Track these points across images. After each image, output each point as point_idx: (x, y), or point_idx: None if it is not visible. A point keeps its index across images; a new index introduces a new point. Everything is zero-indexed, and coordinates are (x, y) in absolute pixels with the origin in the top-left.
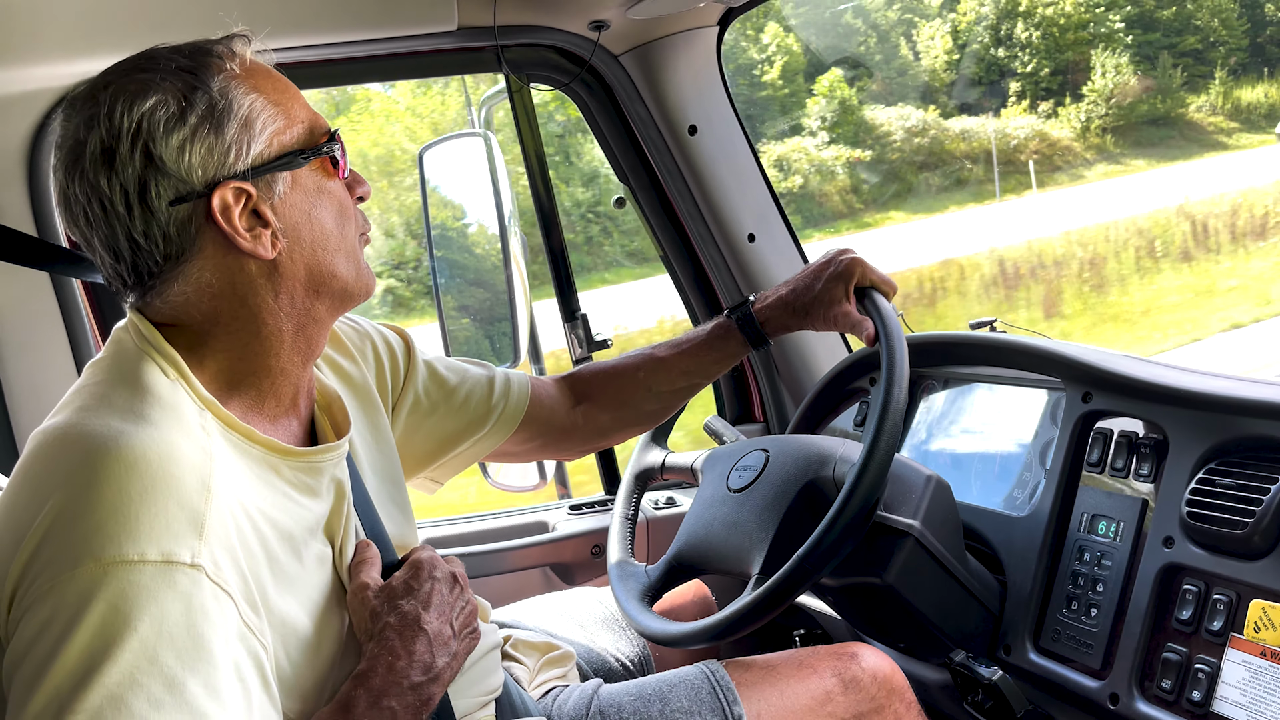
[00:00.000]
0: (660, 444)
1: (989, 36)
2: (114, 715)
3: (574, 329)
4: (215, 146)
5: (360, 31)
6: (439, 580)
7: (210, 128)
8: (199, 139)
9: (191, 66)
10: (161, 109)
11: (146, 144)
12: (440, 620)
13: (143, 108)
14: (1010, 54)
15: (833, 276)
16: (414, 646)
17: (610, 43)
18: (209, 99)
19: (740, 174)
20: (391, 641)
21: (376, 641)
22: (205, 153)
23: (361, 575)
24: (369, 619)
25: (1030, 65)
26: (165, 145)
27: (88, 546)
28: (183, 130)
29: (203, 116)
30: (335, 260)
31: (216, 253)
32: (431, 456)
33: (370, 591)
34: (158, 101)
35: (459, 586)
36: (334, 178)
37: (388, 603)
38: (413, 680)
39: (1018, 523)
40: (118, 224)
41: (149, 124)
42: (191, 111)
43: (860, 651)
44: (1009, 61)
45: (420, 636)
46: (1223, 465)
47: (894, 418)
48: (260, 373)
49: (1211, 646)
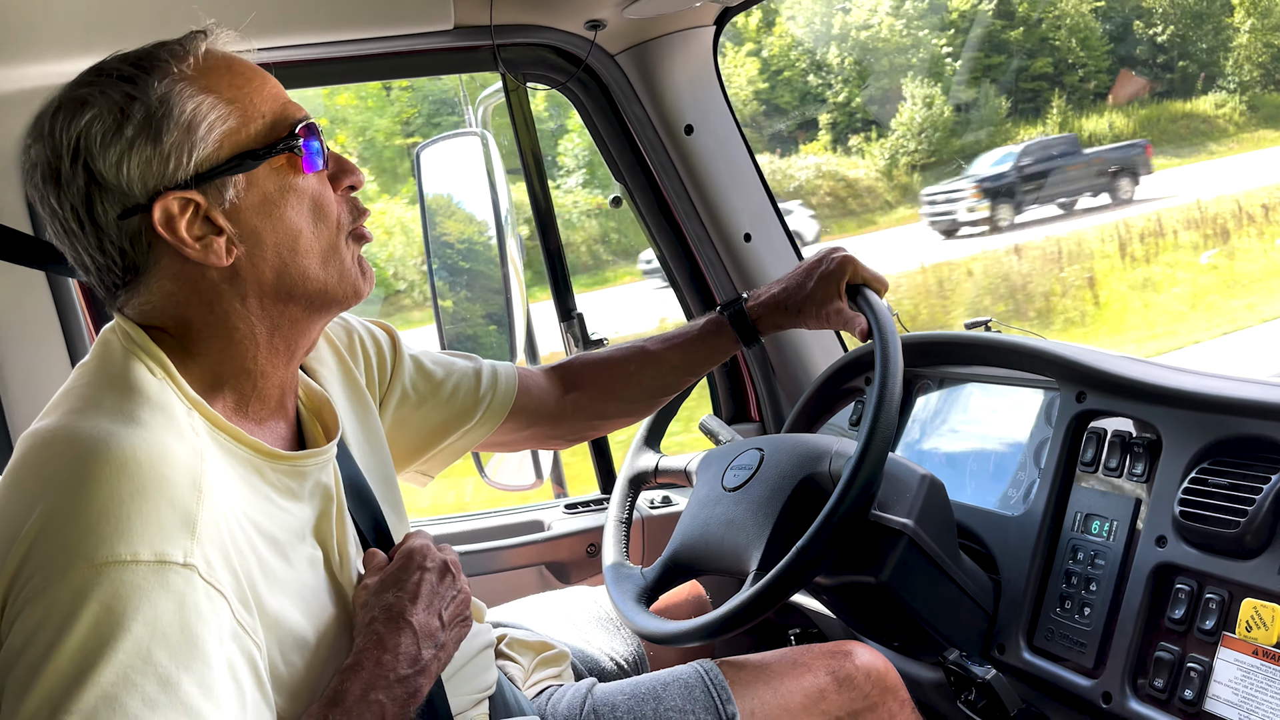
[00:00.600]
0: (653, 447)
1: (806, 61)
2: (109, 715)
3: (569, 328)
4: (153, 157)
5: (357, 30)
6: (428, 570)
7: (147, 137)
8: (136, 150)
9: (132, 75)
10: (97, 123)
11: (86, 160)
12: (427, 612)
13: (79, 124)
14: (823, 81)
15: (824, 274)
16: (399, 639)
17: (607, 42)
18: (146, 107)
19: (736, 174)
20: (378, 635)
21: (363, 635)
22: (144, 164)
23: (365, 578)
24: (360, 611)
25: (842, 95)
26: (104, 160)
27: (80, 548)
28: (119, 143)
29: (139, 126)
30: (306, 263)
31: (173, 263)
32: (421, 449)
33: (363, 586)
34: (94, 116)
35: (450, 575)
36: (301, 173)
37: (374, 596)
38: (399, 673)
39: (1012, 522)
40: (76, 240)
41: (86, 140)
42: (128, 123)
43: (854, 650)
44: (821, 90)
45: (405, 629)
46: (1216, 465)
47: (889, 409)
48: (240, 375)
49: (1204, 645)
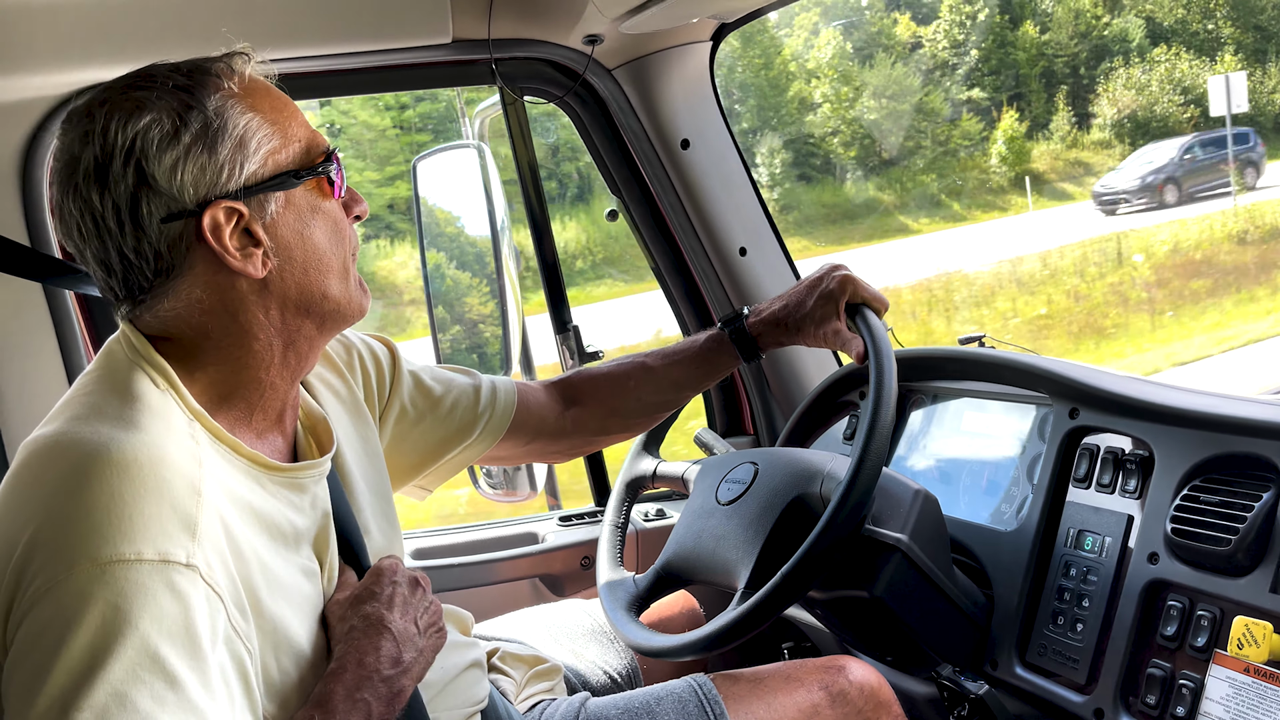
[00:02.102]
0: (652, 452)
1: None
2: (119, 711)
3: (565, 340)
4: (208, 166)
5: (356, 43)
6: (399, 584)
7: (204, 147)
8: (192, 158)
9: (188, 85)
10: (155, 127)
11: (140, 161)
12: (404, 619)
13: (137, 125)
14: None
15: (824, 294)
16: (380, 643)
17: (604, 57)
18: (204, 118)
19: (732, 188)
20: (358, 641)
21: (344, 643)
22: (198, 172)
23: (335, 594)
24: (337, 625)
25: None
26: (158, 163)
27: (84, 548)
28: (176, 149)
29: (197, 135)
30: (327, 280)
31: (207, 270)
32: (420, 465)
33: (335, 601)
34: (152, 120)
35: (421, 589)
36: (329, 197)
37: (352, 608)
38: (383, 674)
39: (1005, 537)
40: (109, 240)
41: (143, 142)
42: (186, 130)
43: (847, 664)
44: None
45: (385, 634)
46: (1207, 482)
47: (880, 437)
48: (250, 386)
49: (1196, 662)
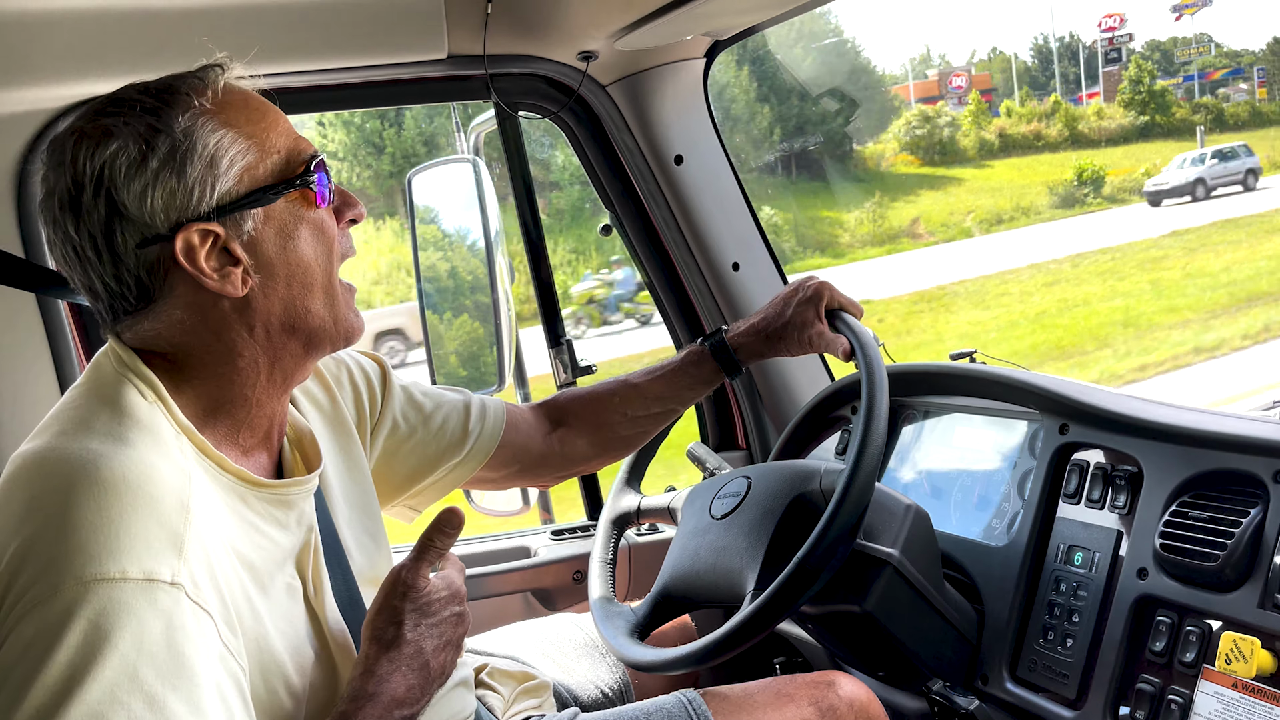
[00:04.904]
0: (634, 487)
1: None
2: None
3: (559, 354)
4: (177, 189)
5: (352, 59)
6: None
7: (172, 171)
8: (160, 183)
9: (156, 107)
10: (122, 154)
11: (109, 190)
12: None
13: (104, 154)
14: None
15: (802, 301)
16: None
17: (598, 73)
18: (171, 141)
19: (725, 203)
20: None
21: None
22: (167, 196)
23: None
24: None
25: None
26: (127, 191)
27: (69, 566)
28: (144, 175)
29: (164, 159)
30: (311, 298)
31: (187, 291)
32: (409, 481)
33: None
34: (119, 147)
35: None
36: (314, 206)
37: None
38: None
39: (995, 552)
40: (90, 268)
41: (110, 171)
42: (153, 155)
43: (838, 680)
44: None
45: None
46: (1196, 498)
47: (879, 418)
48: (237, 402)
49: (1184, 678)
